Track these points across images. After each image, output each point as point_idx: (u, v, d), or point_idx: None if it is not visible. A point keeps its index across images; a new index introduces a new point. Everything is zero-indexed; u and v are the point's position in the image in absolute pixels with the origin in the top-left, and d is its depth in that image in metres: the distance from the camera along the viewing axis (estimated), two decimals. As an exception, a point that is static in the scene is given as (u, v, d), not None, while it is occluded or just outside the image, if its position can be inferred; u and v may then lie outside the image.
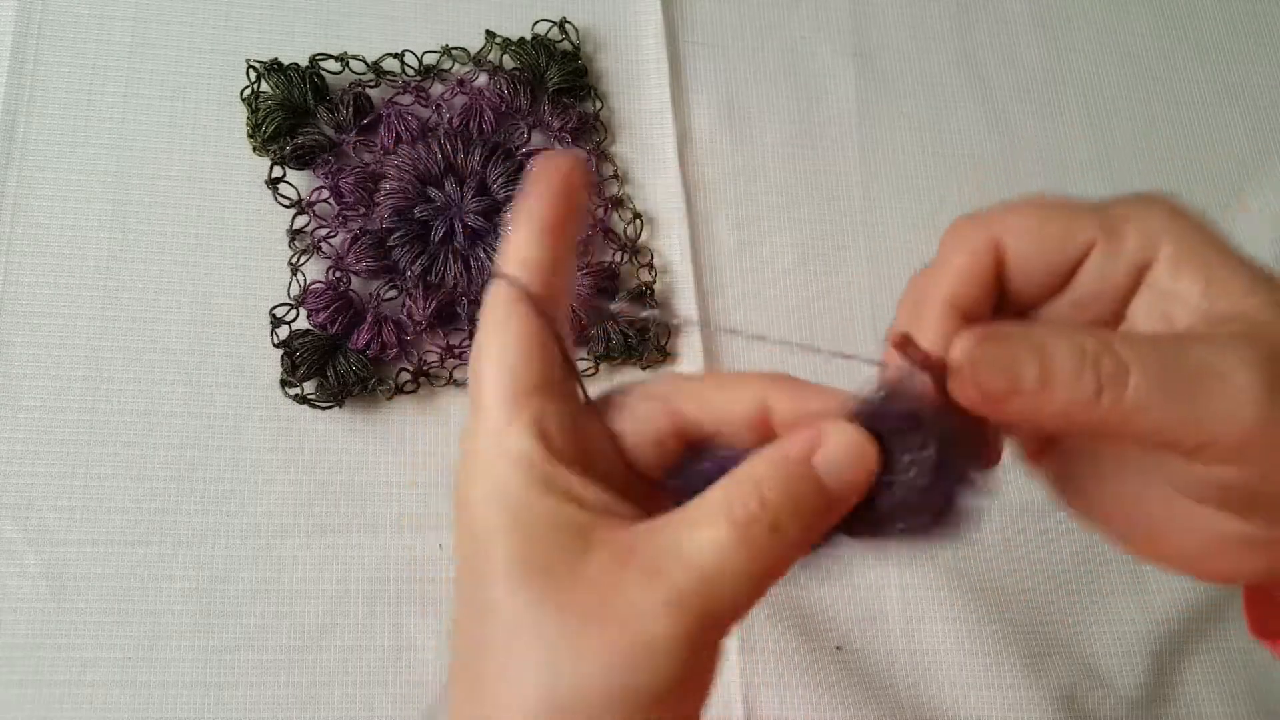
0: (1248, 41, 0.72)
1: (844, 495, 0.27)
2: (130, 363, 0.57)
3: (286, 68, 0.62)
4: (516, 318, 0.28)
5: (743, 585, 0.26)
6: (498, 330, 0.28)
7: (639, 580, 0.25)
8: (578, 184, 0.30)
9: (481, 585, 0.27)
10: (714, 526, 0.26)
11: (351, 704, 0.53)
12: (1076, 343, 0.25)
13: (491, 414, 0.28)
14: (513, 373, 0.28)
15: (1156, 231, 0.29)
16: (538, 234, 0.29)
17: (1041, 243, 0.30)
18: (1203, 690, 0.58)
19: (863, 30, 0.70)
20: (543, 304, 0.28)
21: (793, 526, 0.26)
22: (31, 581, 0.53)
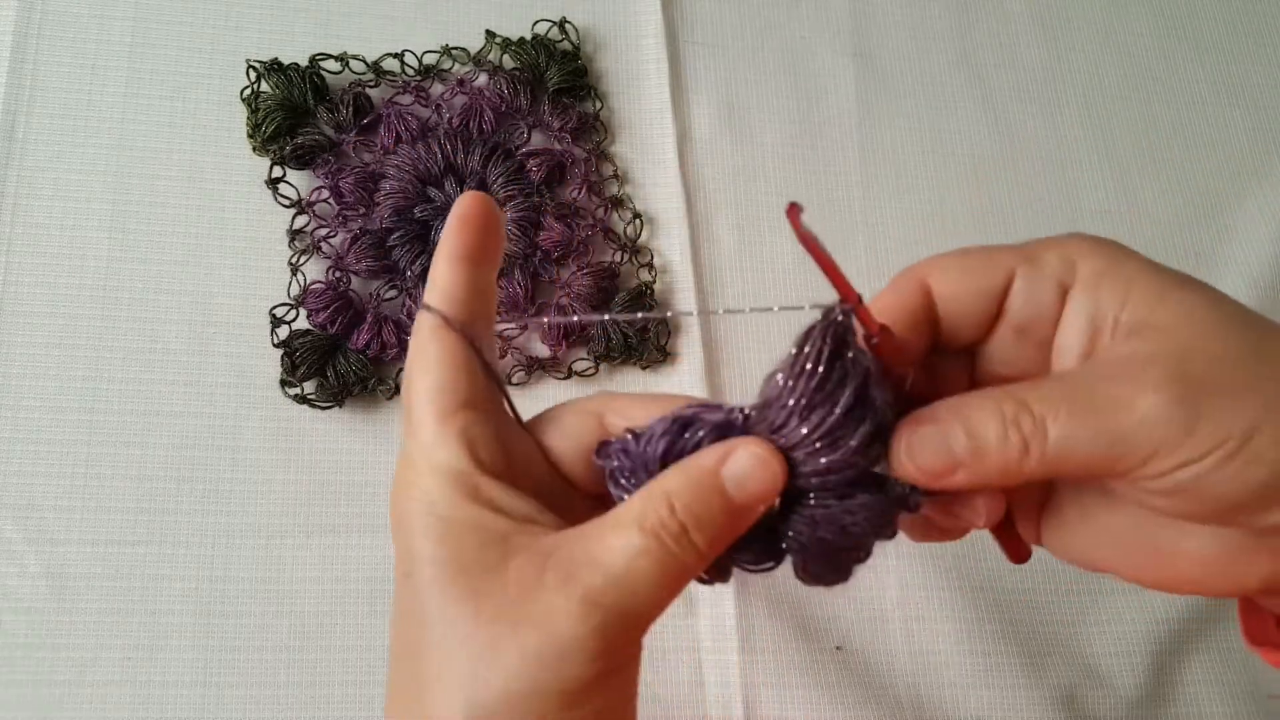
0: (1247, 41, 0.72)
1: (749, 505, 0.29)
2: (130, 363, 0.57)
3: (286, 68, 0.62)
4: (438, 342, 0.31)
5: (652, 588, 0.28)
6: (422, 355, 0.31)
7: (554, 583, 0.27)
8: (487, 218, 0.32)
9: (414, 590, 0.29)
10: (626, 533, 0.28)
11: (351, 704, 0.53)
12: (995, 409, 0.29)
13: (422, 430, 0.30)
14: (439, 392, 0.30)
15: (1073, 253, 0.31)
16: (454, 265, 0.31)
17: (965, 277, 0.32)
18: (1202, 690, 0.58)
19: (863, 30, 0.70)
20: (464, 328, 0.31)
21: (699, 534, 0.28)
22: (32, 581, 0.53)
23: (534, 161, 0.62)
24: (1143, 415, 0.27)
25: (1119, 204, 0.67)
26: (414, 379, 0.31)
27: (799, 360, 0.29)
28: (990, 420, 0.29)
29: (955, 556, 0.58)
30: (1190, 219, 0.68)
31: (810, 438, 0.29)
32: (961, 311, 0.32)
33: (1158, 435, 0.27)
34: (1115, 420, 0.27)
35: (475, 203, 0.32)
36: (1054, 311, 0.31)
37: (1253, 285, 0.66)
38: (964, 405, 0.29)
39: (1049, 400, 0.28)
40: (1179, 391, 0.27)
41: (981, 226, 0.66)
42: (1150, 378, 0.28)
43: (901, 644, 0.57)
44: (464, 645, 0.27)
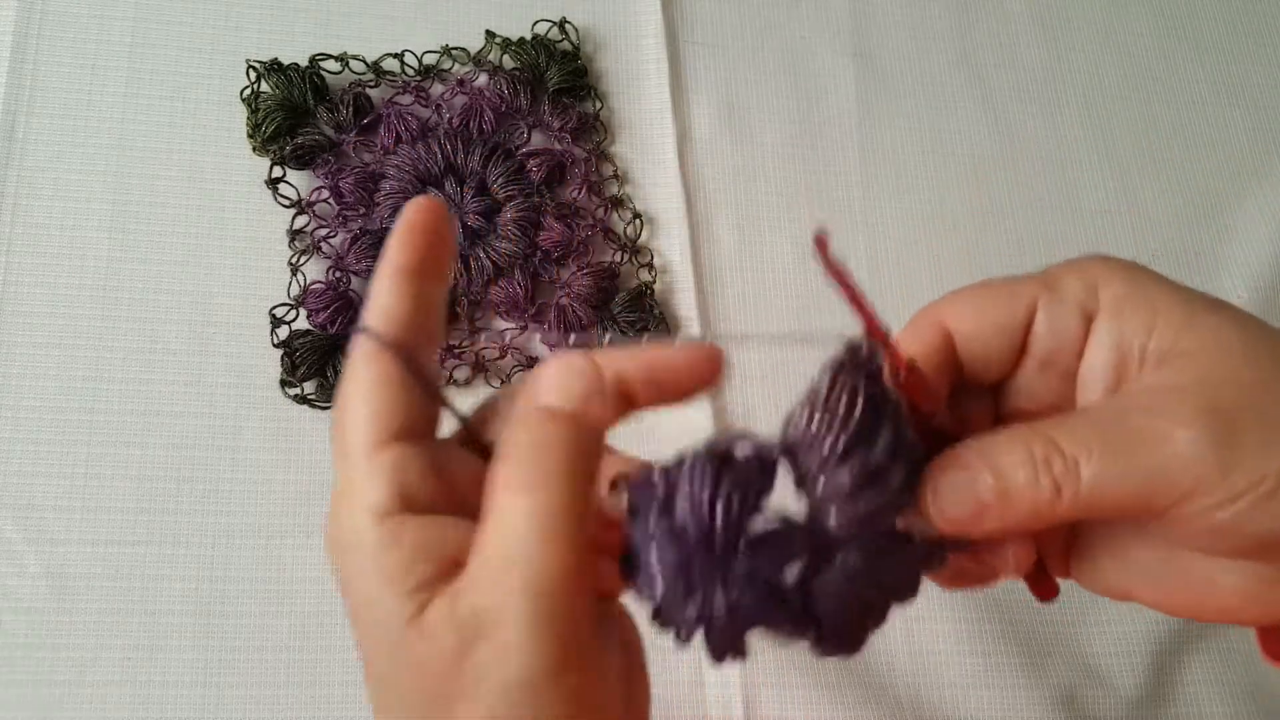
0: (1247, 41, 0.72)
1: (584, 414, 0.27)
2: (130, 363, 0.57)
3: (286, 68, 0.62)
4: (372, 367, 0.28)
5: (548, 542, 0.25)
6: (355, 382, 0.28)
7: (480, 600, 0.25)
8: (437, 227, 0.29)
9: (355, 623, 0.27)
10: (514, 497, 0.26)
11: (351, 704, 0.53)
12: (1025, 450, 0.27)
13: (351, 466, 0.28)
14: (369, 424, 0.28)
15: (1095, 276, 0.30)
16: (396, 280, 0.29)
17: (984, 312, 0.31)
18: (1203, 690, 0.57)
19: (863, 30, 0.70)
20: (405, 348, 0.28)
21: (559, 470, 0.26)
22: (31, 581, 0.53)
23: (534, 161, 0.62)
24: (1178, 451, 0.26)
25: (1119, 204, 0.67)
26: (344, 410, 0.28)
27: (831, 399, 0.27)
28: (1020, 463, 0.28)
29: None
30: (1190, 219, 0.68)
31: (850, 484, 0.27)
32: (984, 350, 0.31)
33: (1194, 473, 0.26)
34: (1150, 458, 0.27)
35: (423, 211, 0.29)
36: (1078, 341, 0.30)
37: (1253, 285, 0.66)
38: (992, 447, 0.28)
39: (1080, 438, 0.27)
40: (1214, 426, 0.26)
41: (982, 226, 0.66)
42: (1184, 412, 0.27)
43: (902, 644, 0.57)
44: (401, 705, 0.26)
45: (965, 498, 0.28)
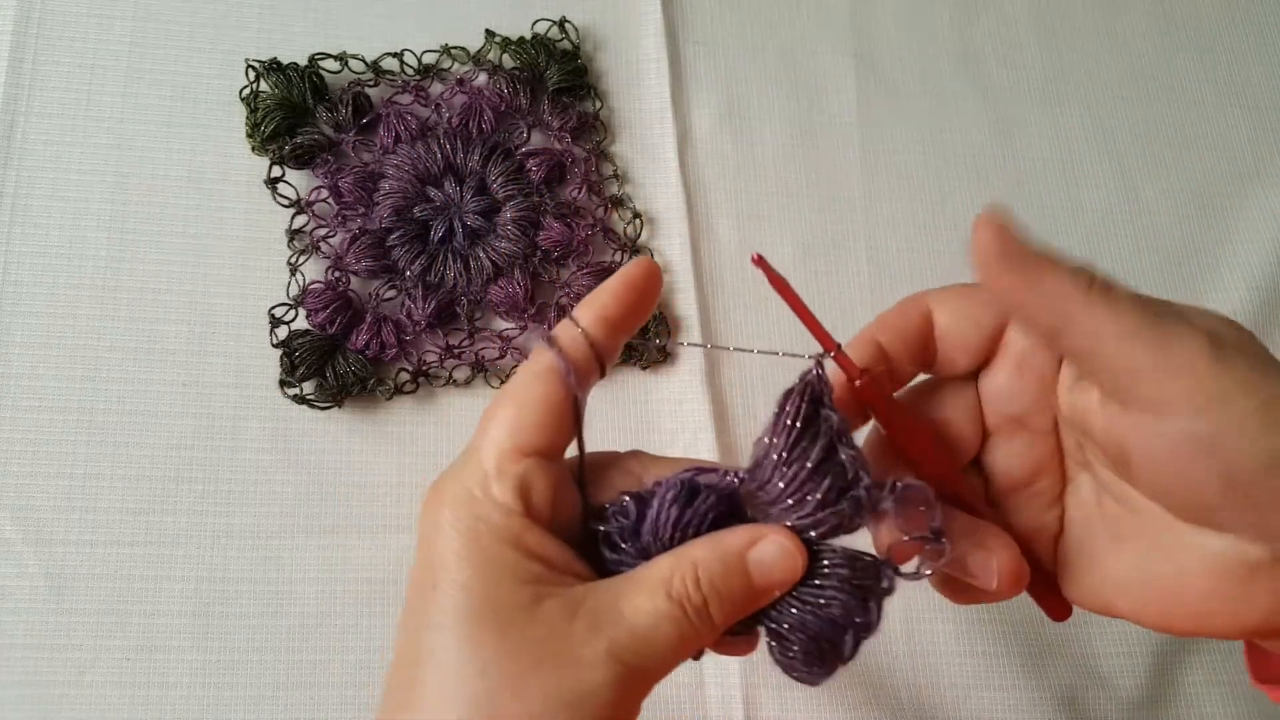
0: (1248, 40, 0.72)
1: (767, 590, 0.31)
2: (129, 363, 0.57)
3: (285, 67, 0.62)
4: (544, 385, 0.31)
5: (669, 651, 0.30)
6: (525, 387, 0.31)
7: (582, 632, 0.29)
8: (650, 290, 0.33)
9: (434, 608, 0.30)
10: (653, 596, 0.30)
11: (351, 705, 0.53)
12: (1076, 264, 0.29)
13: (487, 456, 0.31)
14: (520, 430, 0.31)
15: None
16: (598, 321, 0.32)
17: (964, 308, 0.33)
18: (1203, 691, 0.57)
19: (863, 30, 0.70)
20: (578, 380, 0.31)
21: (718, 609, 0.30)
22: (30, 582, 0.53)
23: (534, 161, 0.62)
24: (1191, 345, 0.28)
25: (1120, 203, 0.67)
26: (502, 405, 0.31)
27: (780, 418, 0.31)
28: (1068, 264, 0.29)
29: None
30: (1191, 218, 0.67)
31: (785, 492, 0.30)
32: (960, 339, 0.33)
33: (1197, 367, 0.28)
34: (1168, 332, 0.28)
35: (644, 270, 0.33)
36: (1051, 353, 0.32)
37: (1253, 285, 0.66)
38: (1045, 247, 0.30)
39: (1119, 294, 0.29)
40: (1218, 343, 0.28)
41: (982, 226, 0.66)
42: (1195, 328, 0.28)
43: (902, 645, 0.57)
44: (483, 672, 0.28)
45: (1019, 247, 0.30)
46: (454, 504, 0.31)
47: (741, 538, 0.31)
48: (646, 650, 0.29)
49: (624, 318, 0.33)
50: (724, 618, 0.31)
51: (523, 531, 0.30)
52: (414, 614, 0.31)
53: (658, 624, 0.29)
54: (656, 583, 0.30)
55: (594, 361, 0.32)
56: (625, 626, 0.29)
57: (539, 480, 0.31)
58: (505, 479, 0.30)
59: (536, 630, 0.29)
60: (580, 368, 0.32)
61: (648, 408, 0.60)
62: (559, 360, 0.31)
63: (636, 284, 0.33)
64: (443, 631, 0.29)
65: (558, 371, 0.31)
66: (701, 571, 0.30)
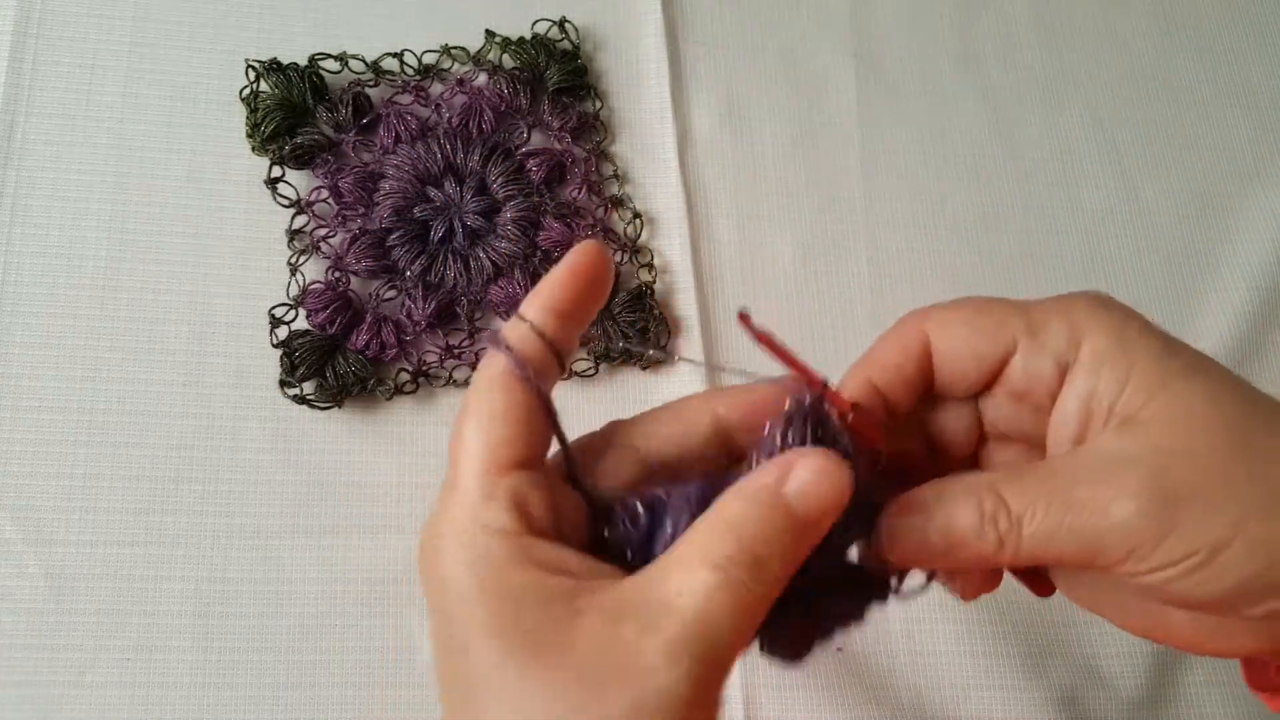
0: (1248, 40, 0.72)
1: (818, 520, 0.28)
2: (129, 363, 0.57)
3: (286, 67, 0.62)
4: (505, 393, 0.29)
5: (733, 623, 0.26)
6: (485, 403, 0.29)
7: (635, 635, 0.26)
8: (599, 276, 0.31)
9: (464, 655, 0.27)
10: (696, 571, 0.26)
11: (351, 705, 0.53)
12: (974, 504, 0.30)
13: (469, 485, 0.28)
14: (496, 446, 0.28)
15: (1080, 329, 0.31)
16: (547, 316, 0.30)
17: (965, 341, 0.32)
18: (1204, 691, 0.57)
19: (863, 30, 0.69)
20: (539, 378, 0.29)
21: (772, 560, 0.27)
22: (30, 582, 0.53)
23: (534, 161, 0.62)
24: (1116, 522, 0.28)
25: (1120, 203, 0.67)
26: (467, 429, 0.29)
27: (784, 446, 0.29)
28: (968, 515, 0.30)
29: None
30: (1191, 218, 0.67)
31: None
32: (960, 371, 0.33)
33: (1132, 541, 0.28)
34: (1090, 523, 0.29)
35: (589, 257, 0.30)
36: (1052, 387, 0.32)
37: (1253, 285, 0.66)
38: (946, 496, 0.30)
39: (1028, 497, 0.29)
40: (1154, 501, 0.28)
41: (983, 226, 0.66)
42: (1128, 484, 0.28)
43: (902, 645, 0.57)
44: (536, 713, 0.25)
45: (917, 541, 0.30)
46: (451, 548, 0.28)
47: (771, 474, 0.28)
48: (708, 633, 0.26)
49: (574, 307, 0.30)
50: (783, 567, 0.27)
51: (531, 549, 0.27)
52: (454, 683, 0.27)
53: (711, 600, 0.26)
54: (696, 557, 0.27)
55: (550, 356, 0.30)
56: (677, 616, 0.26)
57: (532, 492, 0.28)
58: (495, 501, 0.28)
59: (586, 650, 0.26)
60: (537, 365, 0.29)
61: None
62: (512, 361, 0.29)
63: (582, 270, 0.30)
64: (489, 692, 0.26)
65: (514, 374, 0.29)
66: (742, 527, 0.27)
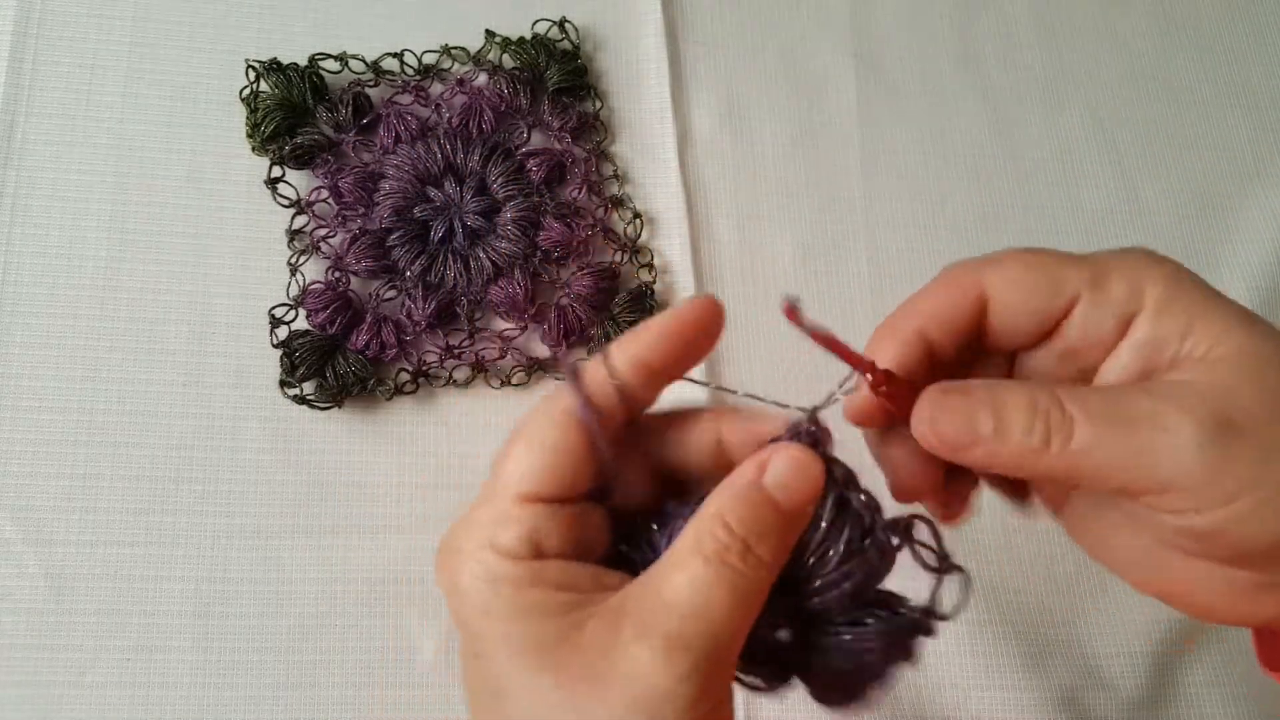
0: (1249, 40, 0.72)
1: (799, 509, 0.29)
2: (129, 363, 0.57)
3: (286, 67, 0.62)
4: (565, 429, 0.29)
5: (729, 615, 0.27)
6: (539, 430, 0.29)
7: (631, 636, 0.26)
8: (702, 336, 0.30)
9: (485, 661, 0.28)
10: (688, 566, 0.27)
11: (351, 705, 0.53)
12: (1030, 397, 0.28)
13: (498, 506, 0.29)
14: (532, 477, 0.29)
15: (1141, 279, 0.30)
16: (636, 366, 0.29)
17: (1027, 294, 0.31)
18: (1204, 691, 0.57)
19: (863, 30, 0.69)
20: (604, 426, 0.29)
21: (761, 547, 0.28)
22: (30, 582, 0.53)
23: (534, 161, 0.62)
24: (1170, 441, 0.27)
25: (1120, 203, 0.67)
26: (514, 452, 0.29)
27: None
28: (1021, 406, 0.28)
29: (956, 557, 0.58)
30: (1192, 218, 0.67)
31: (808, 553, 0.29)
32: (1014, 326, 0.31)
33: (1184, 466, 0.26)
34: (1145, 437, 0.27)
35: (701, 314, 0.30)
36: (1110, 342, 0.30)
37: (1253, 285, 0.66)
38: (997, 385, 0.29)
39: (1084, 403, 0.28)
40: (1214, 428, 0.26)
41: (983, 226, 0.66)
42: (1192, 407, 0.27)
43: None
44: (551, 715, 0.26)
45: (962, 424, 0.29)
46: (468, 561, 0.29)
47: (749, 469, 0.29)
48: (706, 627, 0.26)
49: (667, 364, 0.30)
50: (773, 553, 0.28)
51: (542, 570, 0.28)
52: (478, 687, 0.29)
53: (706, 592, 0.27)
54: (686, 553, 0.27)
55: (622, 408, 0.29)
56: (674, 613, 0.26)
57: (551, 527, 0.29)
58: (512, 526, 0.28)
59: (588, 655, 0.27)
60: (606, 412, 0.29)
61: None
62: (580, 408, 0.29)
63: (689, 328, 0.30)
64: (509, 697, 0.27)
65: (576, 419, 0.29)
66: (728, 517, 0.28)
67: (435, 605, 0.55)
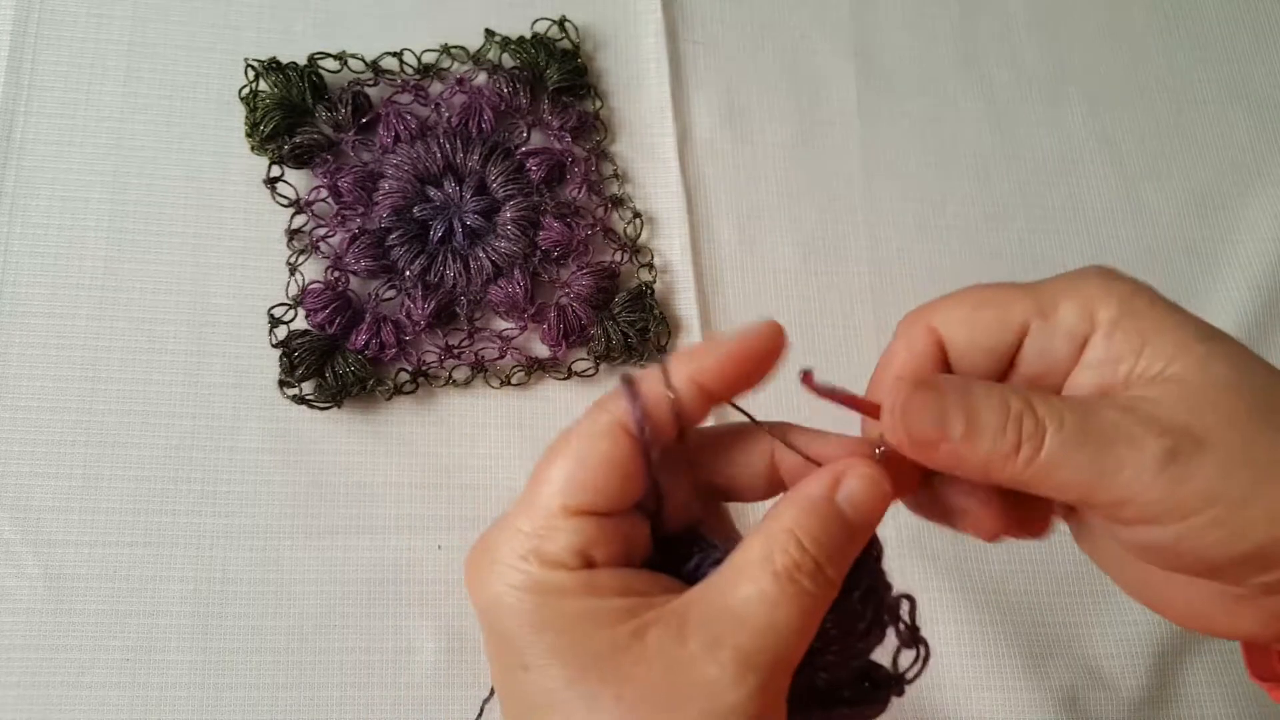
0: (1249, 40, 0.72)
1: (867, 529, 0.28)
2: (128, 363, 0.57)
3: (285, 67, 0.61)
4: (614, 441, 0.28)
5: (796, 633, 0.26)
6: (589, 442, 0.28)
7: (700, 650, 0.26)
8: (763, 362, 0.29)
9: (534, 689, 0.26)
10: (760, 582, 0.26)
11: (350, 705, 0.53)
12: (1003, 400, 0.28)
13: (538, 516, 0.28)
14: (576, 490, 0.28)
15: (1092, 300, 0.30)
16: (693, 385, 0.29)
17: (975, 330, 0.31)
18: (1205, 691, 0.57)
19: (863, 30, 0.69)
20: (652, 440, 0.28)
21: (831, 566, 0.27)
22: (30, 582, 0.53)
23: (534, 161, 0.62)
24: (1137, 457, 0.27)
25: (1121, 204, 0.67)
26: (559, 461, 0.28)
27: None
28: (995, 407, 0.28)
29: (956, 558, 0.58)
30: (1192, 218, 0.67)
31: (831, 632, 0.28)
32: (972, 364, 0.31)
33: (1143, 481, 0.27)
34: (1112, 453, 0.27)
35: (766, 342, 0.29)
36: (1066, 366, 0.30)
37: (1254, 285, 0.66)
38: (971, 385, 0.29)
39: (1057, 409, 0.28)
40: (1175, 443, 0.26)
41: (983, 226, 0.66)
42: (1153, 422, 0.27)
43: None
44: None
45: (932, 421, 0.28)
46: (505, 570, 0.27)
47: (824, 483, 0.28)
48: (775, 643, 0.26)
49: (724, 387, 0.29)
50: (838, 572, 0.27)
51: (591, 579, 0.27)
52: (514, 701, 0.27)
53: (777, 609, 0.26)
54: (755, 565, 0.27)
55: (673, 425, 0.29)
56: (746, 627, 0.26)
57: (599, 539, 0.28)
58: (559, 537, 0.27)
59: (653, 668, 0.26)
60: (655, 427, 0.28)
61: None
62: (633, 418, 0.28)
63: (752, 354, 0.29)
64: (556, 712, 0.26)
65: (629, 432, 0.28)
66: (802, 535, 0.27)
67: (435, 605, 0.55)
